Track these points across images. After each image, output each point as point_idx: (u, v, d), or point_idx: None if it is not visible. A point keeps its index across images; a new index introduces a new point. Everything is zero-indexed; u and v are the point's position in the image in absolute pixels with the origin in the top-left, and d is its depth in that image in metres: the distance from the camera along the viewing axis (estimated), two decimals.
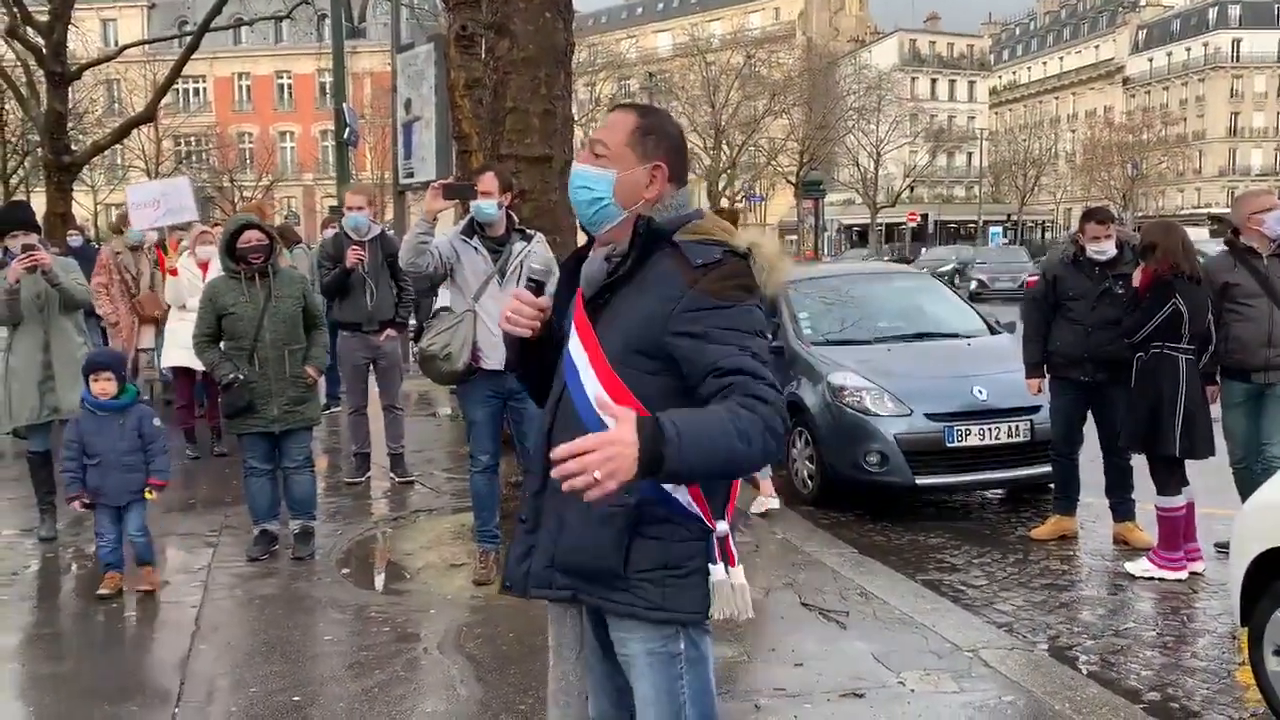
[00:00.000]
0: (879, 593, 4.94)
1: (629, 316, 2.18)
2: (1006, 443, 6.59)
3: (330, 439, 8.97)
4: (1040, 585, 5.47)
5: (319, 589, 5.24)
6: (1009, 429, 6.57)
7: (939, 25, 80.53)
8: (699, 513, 2.18)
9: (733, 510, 2.29)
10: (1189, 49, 76.55)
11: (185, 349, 6.87)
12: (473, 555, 5.39)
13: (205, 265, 7.82)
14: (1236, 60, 74.90)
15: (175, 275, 8.10)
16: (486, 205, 4.95)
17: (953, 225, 67.93)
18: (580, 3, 6.21)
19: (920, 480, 6.54)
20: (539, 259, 4.44)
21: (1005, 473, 6.70)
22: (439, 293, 5.74)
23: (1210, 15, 75.66)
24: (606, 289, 2.24)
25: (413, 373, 9.79)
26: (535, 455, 2.36)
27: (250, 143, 55.79)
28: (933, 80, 77.16)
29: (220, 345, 5.51)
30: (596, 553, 2.17)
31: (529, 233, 5.08)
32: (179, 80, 21.36)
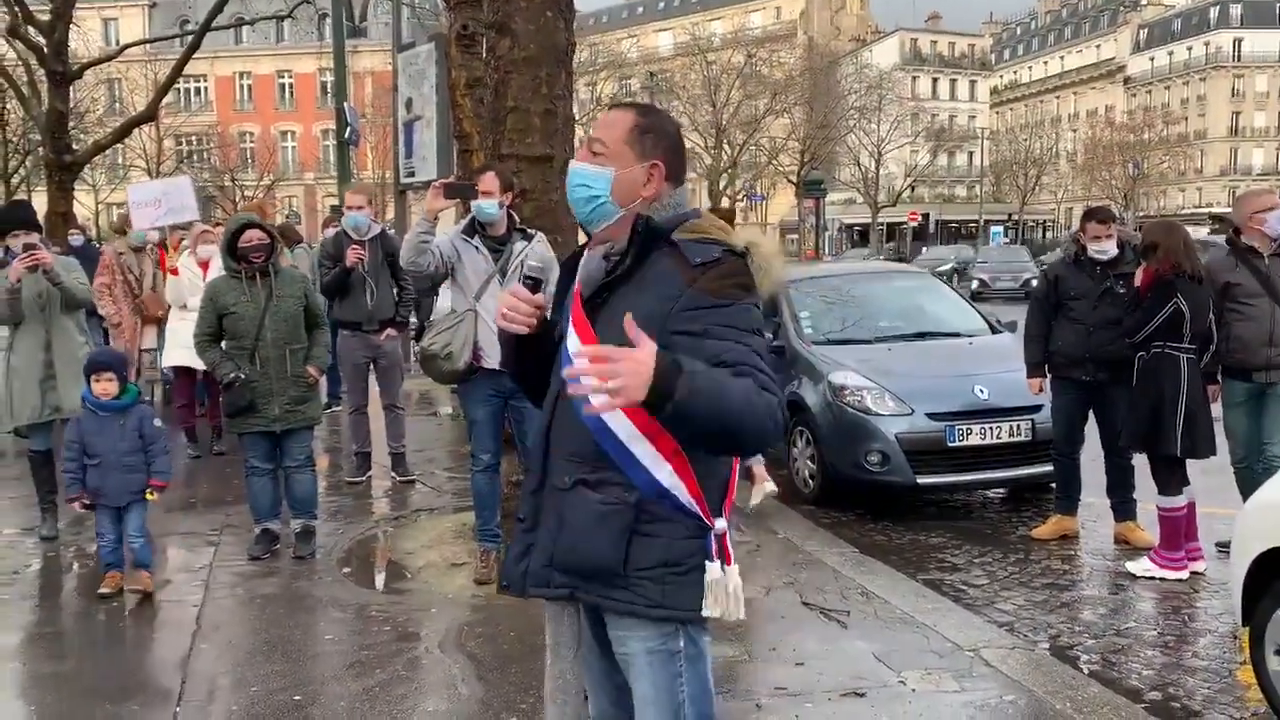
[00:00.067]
0: (880, 592, 4.94)
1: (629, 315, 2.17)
2: (1008, 442, 6.58)
3: (331, 438, 8.97)
4: (1041, 585, 5.47)
5: (320, 588, 5.24)
6: (1010, 428, 6.57)
7: (940, 24, 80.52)
8: (698, 510, 2.18)
9: (730, 507, 2.29)
10: (1190, 48, 76.54)
11: (186, 348, 6.87)
12: (474, 554, 5.39)
13: (206, 264, 7.82)
14: (1238, 60, 74.89)
15: (176, 275, 8.10)
16: (487, 205, 4.95)
17: (954, 225, 67.93)
18: (581, 2, 6.20)
19: (921, 480, 6.54)
20: (536, 256, 4.44)
21: (1006, 472, 6.69)
22: (439, 293, 5.74)
23: (1211, 14, 75.63)
24: (604, 288, 2.23)
25: (414, 372, 9.80)
26: (534, 454, 2.36)
27: (251, 142, 55.79)
28: (934, 79, 77.14)
29: (221, 344, 5.51)
30: (596, 551, 2.16)
31: (530, 232, 5.08)
32: (180, 79, 21.36)
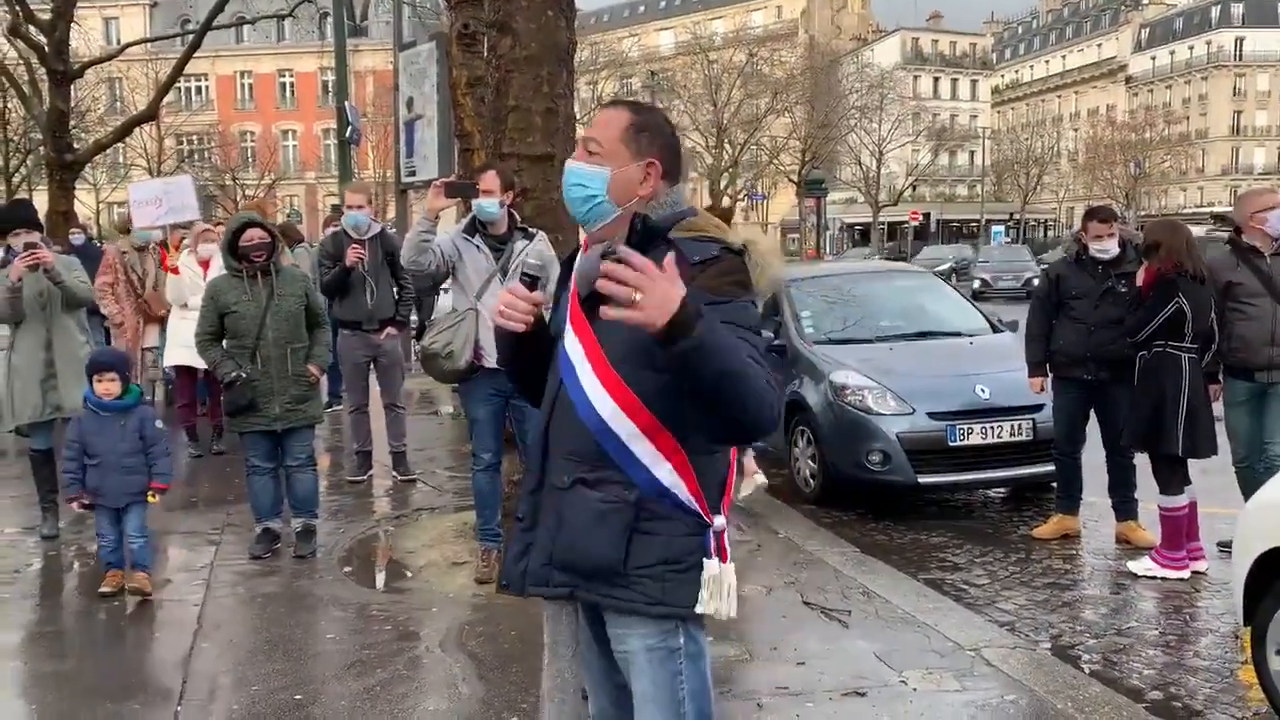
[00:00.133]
0: (881, 592, 4.94)
1: None
2: (1009, 441, 6.58)
3: (332, 437, 8.97)
4: (1042, 584, 5.47)
5: (321, 587, 5.24)
6: (1011, 428, 6.57)
7: (941, 24, 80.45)
8: (698, 508, 2.18)
9: (728, 504, 2.29)
10: (1192, 47, 76.48)
11: (187, 347, 6.87)
12: (474, 553, 5.39)
13: (206, 263, 7.83)
14: (1239, 59, 74.80)
15: (177, 274, 8.10)
16: (488, 204, 4.95)
17: (955, 224, 67.89)
18: (582, 1, 6.20)
19: (922, 479, 6.54)
20: (535, 254, 4.43)
21: (1008, 471, 6.69)
22: (440, 292, 5.73)
23: (1213, 14, 75.56)
24: None
25: (415, 371, 9.79)
26: (532, 453, 2.35)
27: (252, 141, 55.74)
28: (935, 79, 77.05)
29: (222, 343, 5.51)
30: (595, 549, 2.16)
31: (531, 231, 5.08)
32: (181, 79, 21.36)
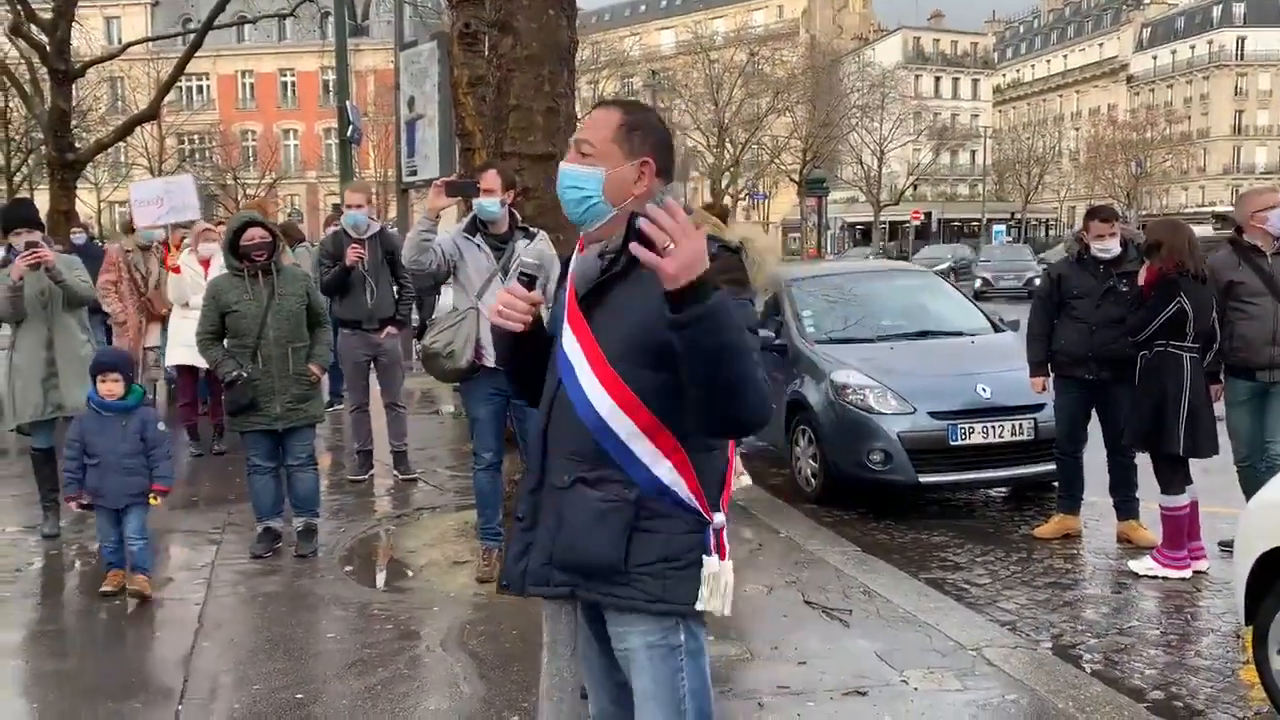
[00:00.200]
0: (882, 591, 4.93)
1: (627, 314, 2.17)
2: (1010, 441, 6.58)
3: (333, 436, 8.97)
4: (1044, 584, 5.47)
5: (322, 586, 5.24)
6: (1013, 427, 6.56)
7: (943, 23, 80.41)
8: (697, 506, 2.18)
9: (727, 501, 2.29)
10: (1193, 47, 76.41)
11: (188, 346, 6.88)
12: (476, 553, 5.39)
13: (207, 263, 7.83)
14: (1241, 58, 74.74)
15: (178, 273, 8.10)
16: (489, 203, 4.95)
17: (957, 224, 67.89)
18: (583, 0, 6.19)
19: (924, 478, 6.53)
20: (532, 253, 4.43)
21: (1009, 471, 6.69)
22: (442, 291, 5.73)
23: (1214, 13, 75.49)
24: (600, 286, 2.24)
25: (416, 370, 9.79)
26: (532, 453, 2.35)
27: (254, 140, 55.72)
28: (936, 78, 77.01)
29: (223, 343, 5.51)
30: (596, 548, 2.17)
31: (532, 230, 5.08)
32: (182, 78, 21.37)
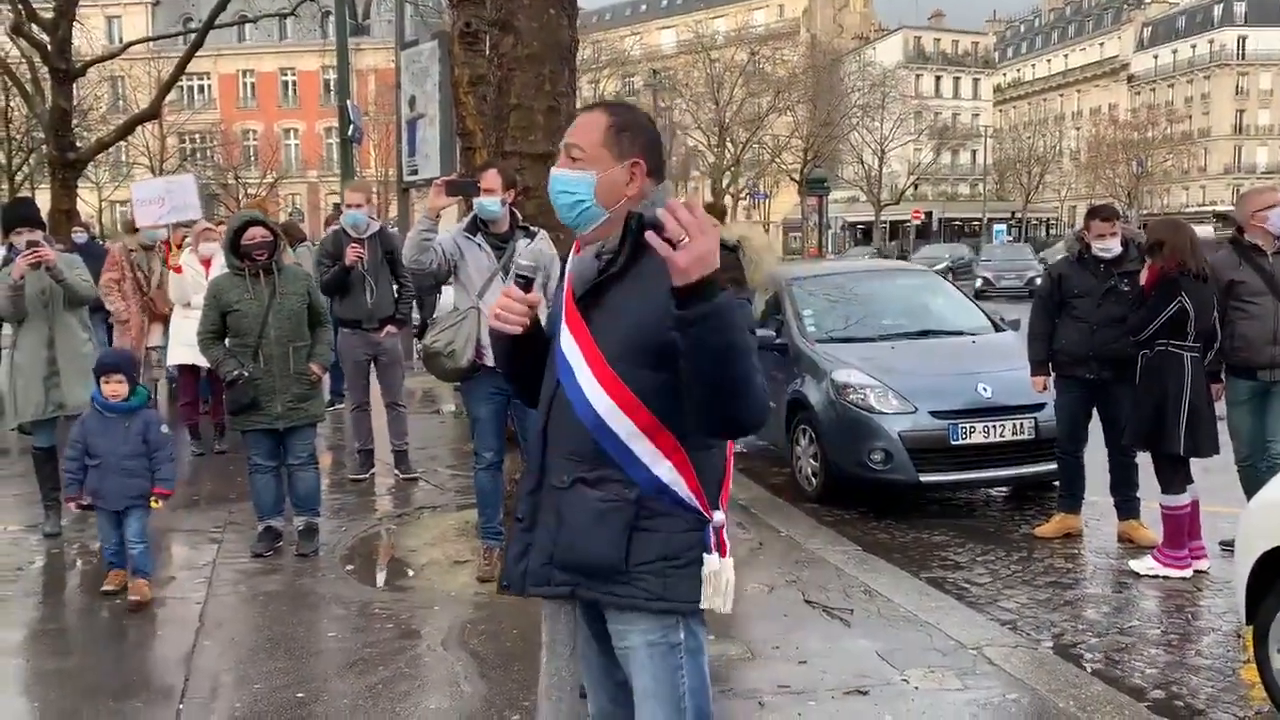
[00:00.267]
0: (883, 590, 4.93)
1: (625, 314, 2.18)
2: (1011, 440, 6.58)
3: (334, 436, 8.98)
4: (1044, 583, 5.47)
5: (323, 585, 5.25)
6: (1014, 426, 6.56)
7: (943, 22, 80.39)
8: (697, 504, 2.19)
9: (726, 499, 2.30)
10: (1194, 46, 76.37)
11: (189, 346, 6.88)
12: (476, 552, 5.39)
13: (208, 262, 7.83)
14: (1242, 57, 74.69)
15: (179, 272, 8.10)
16: (489, 202, 4.95)
17: (957, 223, 67.87)
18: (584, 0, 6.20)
19: (925, 478, 6.53)
20: (529, 254, 4.43)
21: (1010, 470, 6.68)
22: (442, 290, 5.73)
23: (1215, 12, 75.45)
24: (597, 286, 2.24)
25: (416, 369, 9.79)
26: (531, 453, 2.36)
27: (255, 140, 55.70)
28: (937, 77, 76.98)
29: (225, 342, 5.51)
30: (596, 548, 2.17)
31: (532, 229, 5.08)
32: (183, 77, 21.37)
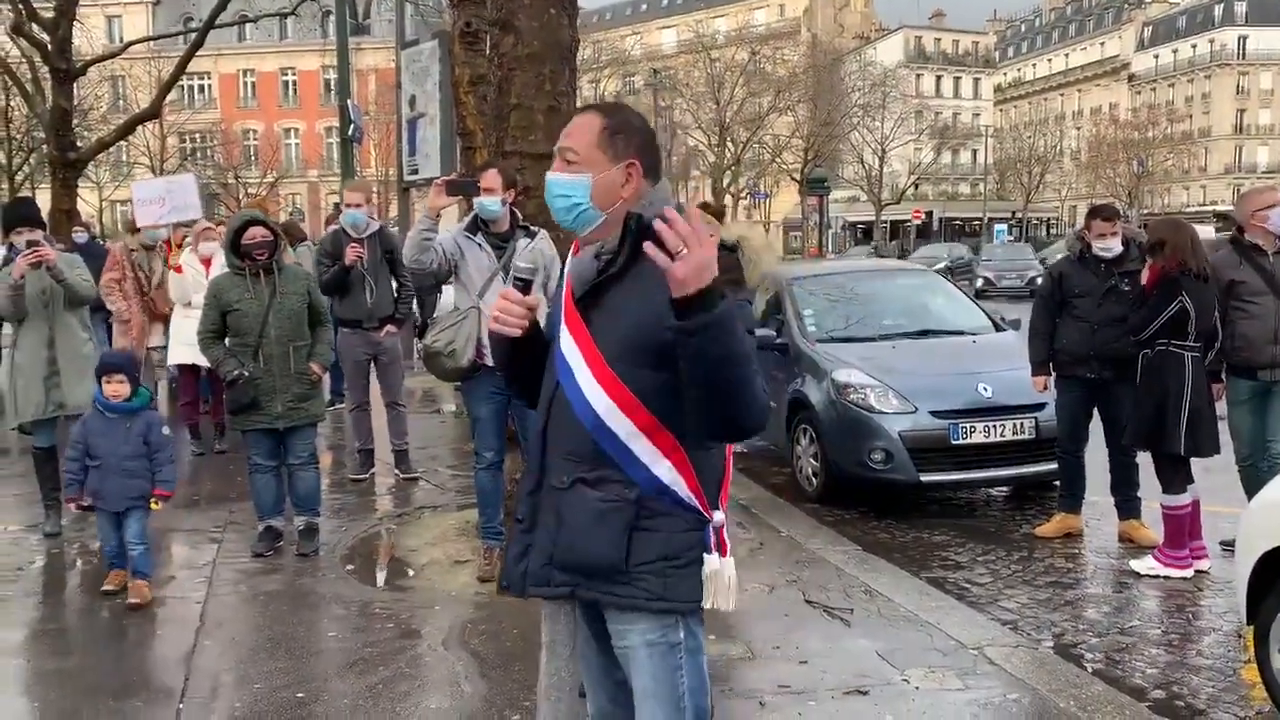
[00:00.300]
0: (883, 590, 4.93)
1: (624, 314, 2.18)
2: (1012, 440, 6.57)
3: (335, 435, 8.98)
4: (1045, 583, 5.47)
5: (323, 585, 5.24)
6: (1014, 426, 6.56)
7: (944, 22, 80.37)
8: (697, 504, 2.19)
9: (726, 498, 2.30)
10: (1195, 46, 76.34)
11: (190, 345, 6.87)
12: (477, 552, 5.39)
13: (209, 262, 7.83)
14: (1243, 57, 74.65)
15: (180, 272, 8.10)
16: (490, 202, 4.95)
17: (958, 223, 67.86)
18: None
19: (925, 477, 6.53)
20: (527, 256, 4.43)
21: (1010, 470, 6.68)
22: (443, 290, 5.73)
23: (1216, 12, 75.42)
24: (596, 287, 2.24)
25: (416, 369, 9.79)
26: (531, 454, 2.36)
27: (255, 139, 55.70)
28: (938, 77, 76.97)
29: (225, 342, 5.51)
30: (596, 549, 2.17)
31: (533, 229, 5.08)
32: (184, 77, 21.37)
